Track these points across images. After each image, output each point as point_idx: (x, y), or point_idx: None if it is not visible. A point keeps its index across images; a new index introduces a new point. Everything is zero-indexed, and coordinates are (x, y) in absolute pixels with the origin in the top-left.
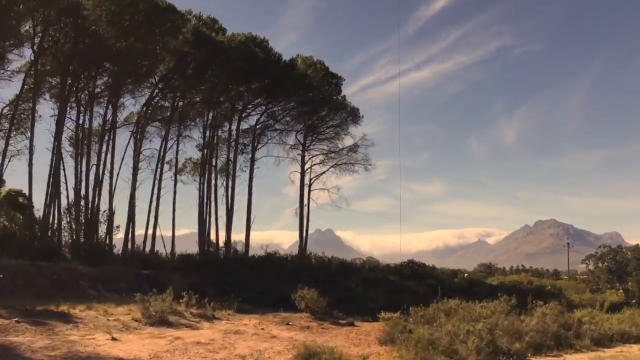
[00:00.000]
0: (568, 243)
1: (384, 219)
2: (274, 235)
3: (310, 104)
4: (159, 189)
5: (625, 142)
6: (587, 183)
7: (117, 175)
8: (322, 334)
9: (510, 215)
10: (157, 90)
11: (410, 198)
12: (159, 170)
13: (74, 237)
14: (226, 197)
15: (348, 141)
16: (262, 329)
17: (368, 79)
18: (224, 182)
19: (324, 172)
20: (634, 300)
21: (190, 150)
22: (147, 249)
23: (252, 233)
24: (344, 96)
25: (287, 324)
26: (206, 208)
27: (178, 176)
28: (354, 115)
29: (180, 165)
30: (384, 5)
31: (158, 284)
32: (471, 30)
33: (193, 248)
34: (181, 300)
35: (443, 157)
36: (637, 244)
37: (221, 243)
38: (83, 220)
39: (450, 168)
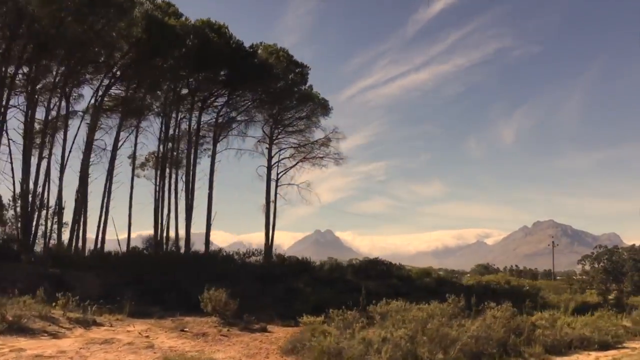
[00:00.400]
0: (553, 242)
1: (384, 219)
2: (275, 235)
3: (273, 94)
4: (110, 184)
5: (623, 144)
6: (586, 184)
7: (79, 171)
8: (217, 342)
9: (509, 216)
10: (113, 79)
11: (410, 199)
12: (120, 164)
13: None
14: (185, 192)
15: (319, 134)
16: (146, 336)
17: (367, 81)
18: (184, 177)
19: (293, 167)
20: (612, 301)
21: (153, 143)
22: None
23: (251, 234)
24: (311, 86)
25: (182, 330)
26: (167, 204)
27: (140, 171)
28: (324, 107)
29: (143, 159)
30: (382, 8)
31: (63, 284)
32: (470, 32)
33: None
34: (55, 304)
35: (442, 158)
36: (634, 245)
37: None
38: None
39: (450, 169)
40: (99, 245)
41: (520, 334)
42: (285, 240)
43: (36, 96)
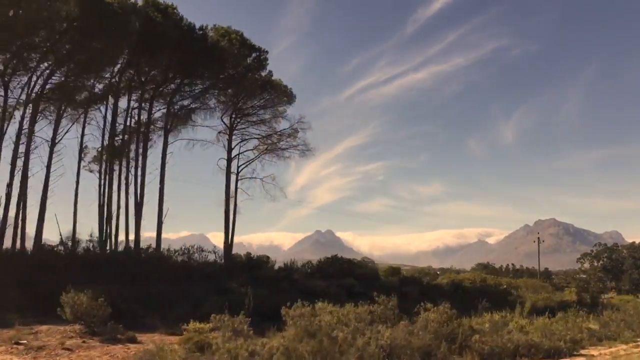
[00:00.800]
0: (539, 238)
1: (385, 219)
2: (275, 236)
3: (228, 80)
4: (48, 178)
5: (623, 142)
6: (587, 182)
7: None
8: (50, 358)
9: (510, 215)
10: (52, 66)
11: (410, 199)
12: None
13: None
14: (135, 187)
15: (285, 125)
16: None
17: (366, 81)
18: (134, 171)
19: (255, 159)
20: (588, 300)
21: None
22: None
23: (252, 234)
24: (271, 72)
25: (16, 343)
26: (117, 200)
27: (95, 165)
28: (287, 95)
29: (95, 153)
30: (381, 8)
31: None
32: (468, 32)
33: None
34: None
35: (442, 158)
36: (633, 242)
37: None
38: None
39: (450, 168)
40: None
41: (453, 340)
42: (286, 241)
43: None
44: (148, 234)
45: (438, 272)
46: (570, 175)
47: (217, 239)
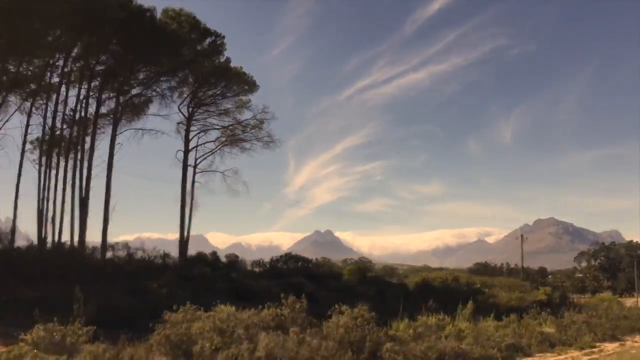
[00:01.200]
0: (522, 235)
1: (384, 219)
2: (274, 236)
3: (182, 67)
4: None
5: (623, 141)
6: (586, 181)
7: None
8: None
9: (510, 215)
10: None
11: (410, 198)
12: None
13: None
14: (80, 182)
15: (248, 115)
16: None
17: (365, 81)
18: (79, 164)
19: (215, 151)
20: (557, 300)
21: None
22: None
23: (251, 235)
24: (228, 59)
25: None
26: (62, 196)
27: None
28: (247, 83)
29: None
30: (380, 8)
31: None
32: (467, 32)
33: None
34: None
35: (441, 158)
36: (631, 241)
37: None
38: None
39: (449, 168)
40: None
41: (359, 350)
42: (285, 241)
43: None
44: (147, 234)
45: (437, 270)
46: (569, 175)
47: (215, 240)
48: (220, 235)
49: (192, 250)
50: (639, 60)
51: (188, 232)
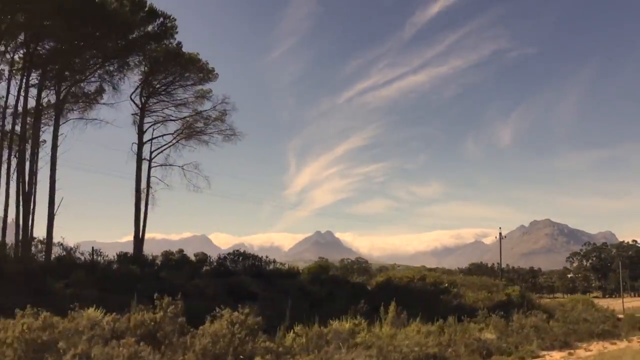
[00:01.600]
0: (500, 233)
1: (384, 220)
2: (275, 237)
3: (127, 50)
4: None
5: (618, 143)
6: (581, 183)
7: None
8: None
9: (507, 216)
10: None
11: (409, 200)
12: None
13: None
14: (23, 176)
15: (207, 105)
16: None
17: (366, 83)
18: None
19: (172, 144)
20: (518, 300)
21: None
22: None
23: (253, 236)
24: (180, 43)
25: None
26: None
27: None
28: (203, 71)
29: None
30: (380, 11)
31: None
32: (466, 35)
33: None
34: None
35: (440, 159)
36: (622, 242)
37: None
38: None
39: (448, 170)
40: None
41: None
42: (286, 242)
43: None
44: (152, 235)
45: (432, 270)
46: (565, 176)
47: (219, 240)
48: (223, 235)
49: (194, 250)
50: (635, 65)
51: (143, 230)
